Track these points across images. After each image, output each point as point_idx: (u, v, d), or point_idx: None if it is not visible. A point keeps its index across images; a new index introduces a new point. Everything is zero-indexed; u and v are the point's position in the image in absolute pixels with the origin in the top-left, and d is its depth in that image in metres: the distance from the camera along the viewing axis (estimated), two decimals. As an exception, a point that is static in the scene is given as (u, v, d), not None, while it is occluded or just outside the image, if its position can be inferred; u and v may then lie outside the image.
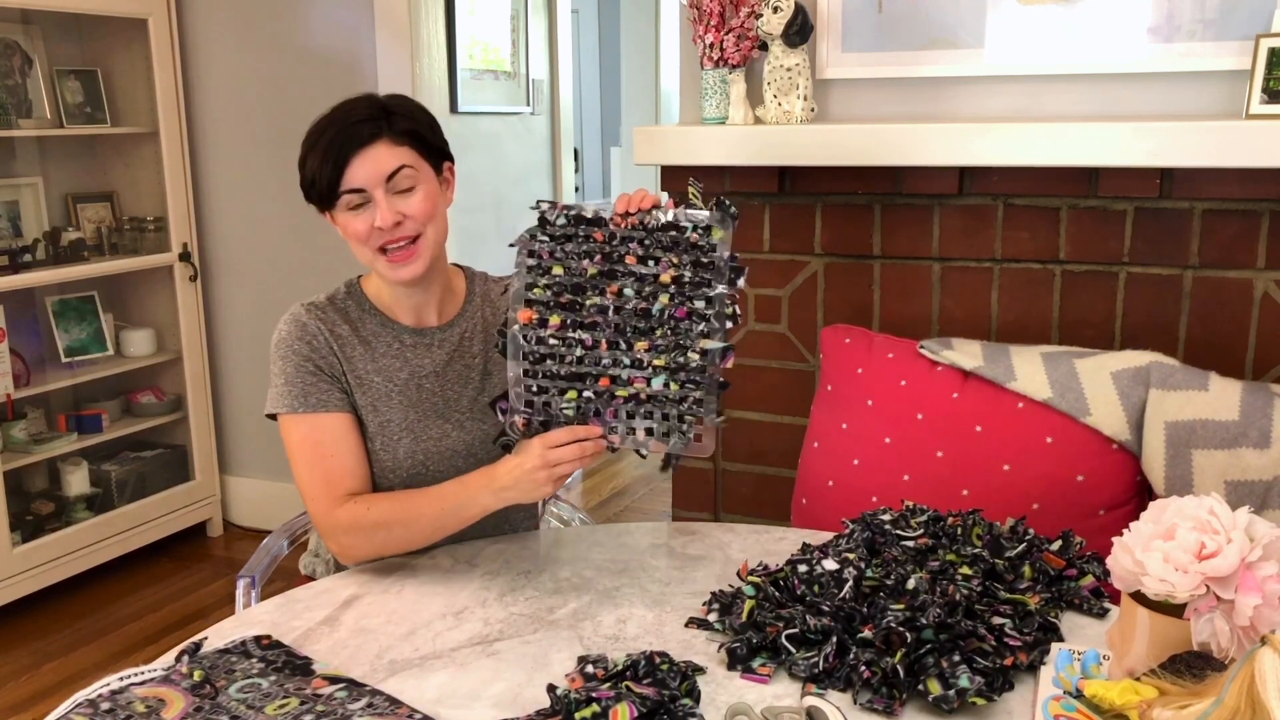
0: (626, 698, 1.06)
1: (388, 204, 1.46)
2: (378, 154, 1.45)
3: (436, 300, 1.61)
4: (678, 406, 1.37)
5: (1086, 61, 1.99)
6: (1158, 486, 1.77)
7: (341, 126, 1.45)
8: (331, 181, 1.45)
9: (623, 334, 1.39)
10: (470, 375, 1.61)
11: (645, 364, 1.38)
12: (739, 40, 2.10)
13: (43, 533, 3.15)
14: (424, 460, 1.56)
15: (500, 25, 3.78)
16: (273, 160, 3.45)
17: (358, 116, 1.46)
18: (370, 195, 1.46)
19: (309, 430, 1.51)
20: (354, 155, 1.44)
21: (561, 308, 1.40)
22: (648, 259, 1.40)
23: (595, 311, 1.40)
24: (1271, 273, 1.92)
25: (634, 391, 1.37)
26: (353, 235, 1.48)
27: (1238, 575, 1.02)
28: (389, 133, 1.46)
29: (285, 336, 1.53)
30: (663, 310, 1.38)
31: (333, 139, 1.45)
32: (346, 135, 1.45)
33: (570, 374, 1.40)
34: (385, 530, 1.47)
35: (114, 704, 1.11)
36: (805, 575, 1.30)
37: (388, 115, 1.48)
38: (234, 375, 3.70)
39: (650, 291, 1.39)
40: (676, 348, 1.38)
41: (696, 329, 1.37)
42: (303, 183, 1.50)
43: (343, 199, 1.46)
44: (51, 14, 3.23)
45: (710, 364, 1.37)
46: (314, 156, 1.46)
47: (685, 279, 1.38)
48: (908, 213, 2.14)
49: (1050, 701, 1.08)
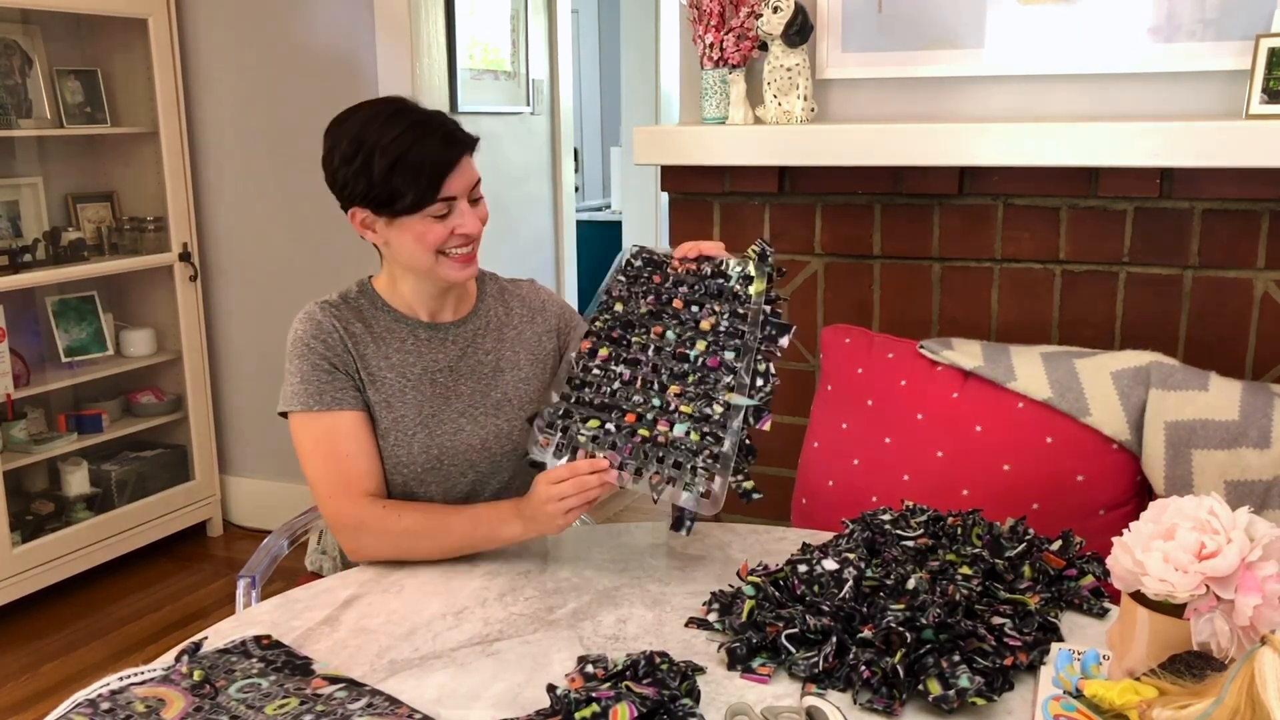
0: (626, 698, 1.05)
1: (472, 213, 1.53)
2: (466, 167, 1.53)
3: (453, 297, 1.64)
4: (693, 458, 1.36)
5: (1086, 61, 1.99)
6: (1158, 486, 1.77)
7: (437, 139, 1.49)
8: (428, 192, 1.49)
9: (659, 375, 1.42)
10: (483, 371, 1.63)
11: (673, 408, 1.38)
12: (739, 40, 2.10)
13: (43, 533, 3.15)
14: (439, 455, 1.57)
15: (500, 25, 3.77)
16: (273, 160, 3.45)
17: (443, 129, 1.51)
18: (457, 205, 1.52)
19: (324, 429, 1.53)
20: (453, 168, 1.50)
21: (611, 341, 1.46)
22: (692, 304, 1.44)
23: (639, 350, 1.44)
24: (1271, 273, 1.92)
25: (656, 433, 1.37)
26: (429, 241, 1.52)
27: (1238, 575, 1.02)
28: (469, 147, 1.54)
29: (301, 335, 1.55)
30: (698, 357, 1.40)
31: (433, 152, 1.48)
32: (444, 149, 1.50)
33: (601, 404, 1.42)
34: (412, 539, 1.49)
35: (114, 704, 1.11)
36: (805, 575, 1.30)
37: (464, 133, 1.54)
38: (234, 375, 3.70)
39: (690, 337, 1.42)
40: (703, 396, 1.38)
41: (723, 380, 1.37)
42: (374, 190, 1.49)
43: (432, 207, 1.50)
44: (51, 14, 3.23)
45: (733, 418, 1.36)
46: (405, 167, 1.47)
47: (722, 328, 1.40)
48: (908, 213, 2.14)
49: (1050, 701, 1.08)
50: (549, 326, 1.69)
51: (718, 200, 2.28)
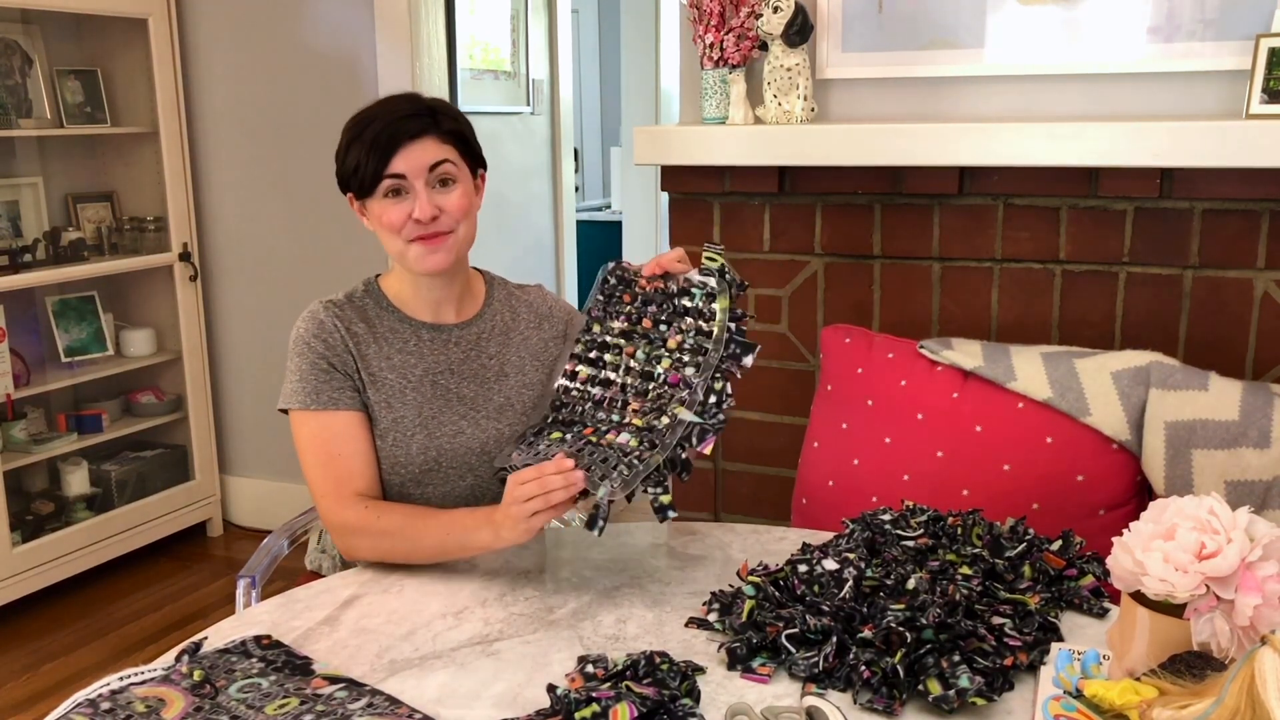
0: (626, 698, 1.05)
1: (427, 196, 1.50)
2: (424, 146, 1.50)
3: (456, 299, 1.63)
4: (622, 459, 1.33)
5: (1086, 61, 1.99)
6: (1158, 486, 1.77)
7: (390, 119, 1.49)
8: (376, 169, 1.48)
9: (625, 393, 1.41)
10: (486, 375, 1.62)
11: (627, 420, 1.38)
12: (739, 40, 2.10)
13: (43, 533, 3.15)
14: (437, 456, 1.57)
15: (500, 25, 3.78)
16: (273, 160, 3.45)
17: (406, 111, 1.50)
18: (411, 185, 1.50)
19: (319, 428, 1.53)
20: (402, 146, 1.48)
21: (588, 362, 1.46)
22: (660, 323, 1.44)
23: (612, 369, 1.44)
24: (1271, 273, 1.92)
25: (602, 440, 1.36)
26: (387, 224, 1.51)
27: (1238, 575, 1.02)
28: (436, 130, 1.51)
29: (302, 333, 1.56)
30: (661, 374, 1.39)
31: (380, 130, 1.48)
32: (396, 127, 1.48)
33: (569, 420, 1.43)
34: (390, 540, 1.48)
35: (114, 704, 1.11)
36: (805, 575, 1.30)
37: (434, 114, 1.52)
38: (234, 375, 3.70)
39: (657, 355, 1.42)
40: (656, 410, 1.37)
41: (680, 395, 1.36)
42: (341, 171, 1.53)
43: (383, 184, 1.49)
44: (51, 14, 3.23)
45: (675, 431, 1.32)
46: (359, 146, 1.49)
47: (688, 345, 1.39)
48: (908, 213, 2.14)
49: (1050, 701, 1.08)
50: (556, 332, 1.68)
51: (718, 200, 2.28)
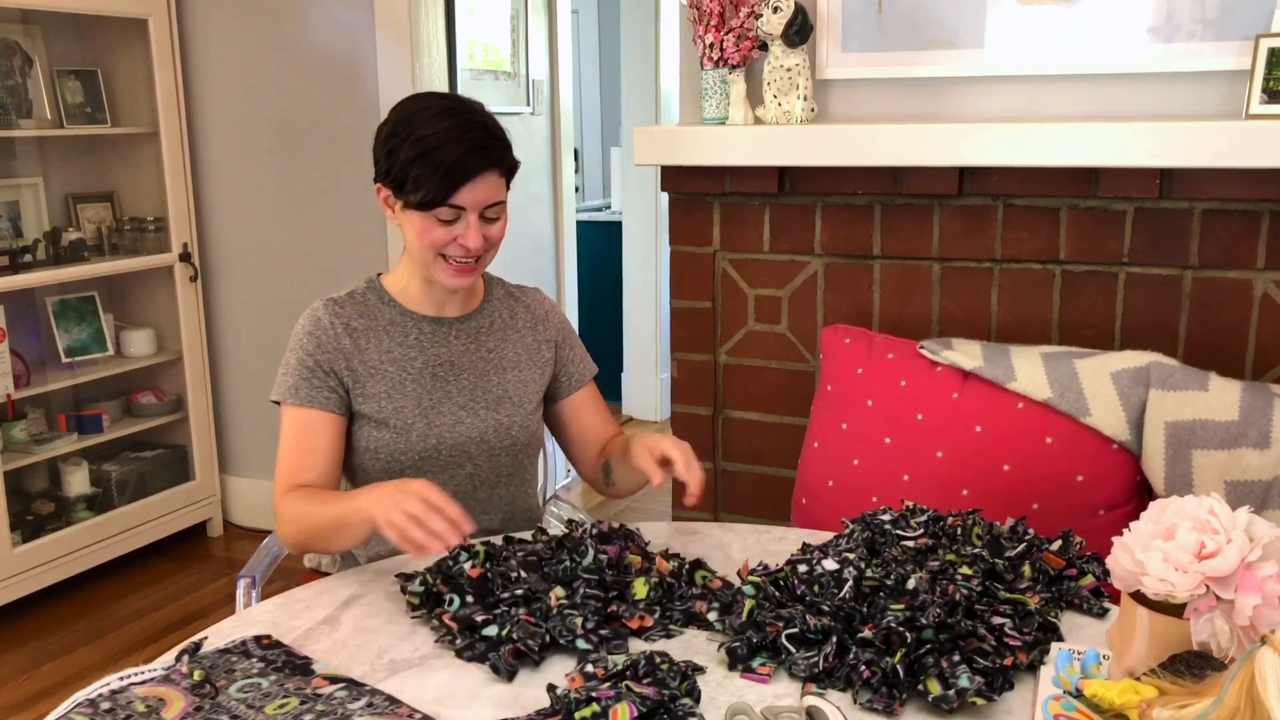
0: (626, 697, 1.06)
1: (478, 228, 1.53)
2: (488, 182, 1.52)
3: (460, 296, 1.67)
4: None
5: (1086, 61, 1.99)
6: (1158, 486, 1.77)
7: (463, 148, 1.49)
8: (440, 196, 1.49)
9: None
10: (485, 367, 1.66)
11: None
12: (739, 40, 2.10)
13: (43, 533, 3.15)
14: (436, 446, 1.61)
15: (500, 25, 3.77)
16: (273, 160, 3.45)
17: (477, 140, 1.50)
18: (465, 215, 1.52)
19: (292, 420, 1.59)
20: (470, 180, 1.49)
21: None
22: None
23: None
24: (1271, 273, 1.92)
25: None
26: (428, 241, 1.53)
27: (1238, 575, 1.02)
28: (499, 166, 1.53)
29: (299, 330, 1.61)
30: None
31: (454, 158, 1.48)
32: (469, 158, 1.49)
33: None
34: (296, 525, 1.52)
35: (114, 704, 1.11)
36: (805, 575, 1.30)
37: (500, 147, 1.53)
38: (234, 375, 3.70)
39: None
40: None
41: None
42: (389, 170, 1.52)
43: (439, 210, 1.51)
44: (51, 14, 3.23)
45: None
46: (425, 164, 1.48)
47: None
48: (907, 213, 2.14)
49: (1050, 701, 1.08)
50: (549, 337, 1.73)
51: (718, 200, 2.28)
